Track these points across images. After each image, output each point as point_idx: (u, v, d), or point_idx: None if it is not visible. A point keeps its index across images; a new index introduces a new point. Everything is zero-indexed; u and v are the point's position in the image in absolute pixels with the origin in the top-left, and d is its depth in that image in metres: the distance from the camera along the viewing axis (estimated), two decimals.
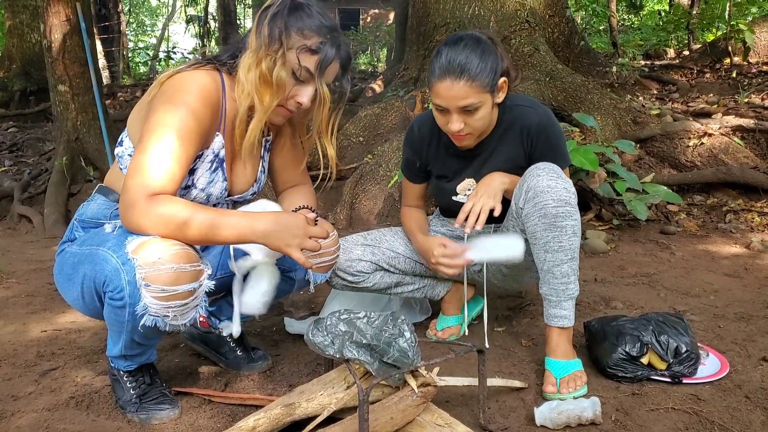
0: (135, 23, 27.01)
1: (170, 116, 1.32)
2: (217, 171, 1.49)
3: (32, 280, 2.90)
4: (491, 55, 1.59)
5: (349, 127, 4.92)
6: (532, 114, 1.71)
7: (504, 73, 1.63)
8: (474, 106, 1.58)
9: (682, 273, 2.58)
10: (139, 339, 1.40)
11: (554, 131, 1.72)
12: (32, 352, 1.96)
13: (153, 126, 1.32)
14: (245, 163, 1.58)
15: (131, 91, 9.89)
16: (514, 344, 1.91)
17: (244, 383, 1.72)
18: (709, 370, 1.59)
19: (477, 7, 5.03)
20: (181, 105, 1.33)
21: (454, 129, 1.62)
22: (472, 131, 1.65)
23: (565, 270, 1.57)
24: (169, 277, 1.24)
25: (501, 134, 1.76)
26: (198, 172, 1.46)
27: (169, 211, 1.27)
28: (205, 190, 1.48)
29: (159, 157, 1.29)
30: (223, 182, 1.51)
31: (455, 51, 1.57)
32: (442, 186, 1.88)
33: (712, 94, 5.24)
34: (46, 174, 5.18)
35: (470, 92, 1.56)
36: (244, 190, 1.62)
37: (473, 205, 1.63)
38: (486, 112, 1.62)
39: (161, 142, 1.30)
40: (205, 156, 1.45)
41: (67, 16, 4.68)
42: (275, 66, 1.38)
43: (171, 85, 1.37)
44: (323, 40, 1.40)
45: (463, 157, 1.82)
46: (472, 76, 1.55)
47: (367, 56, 15.13)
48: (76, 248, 1.45)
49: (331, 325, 1.34)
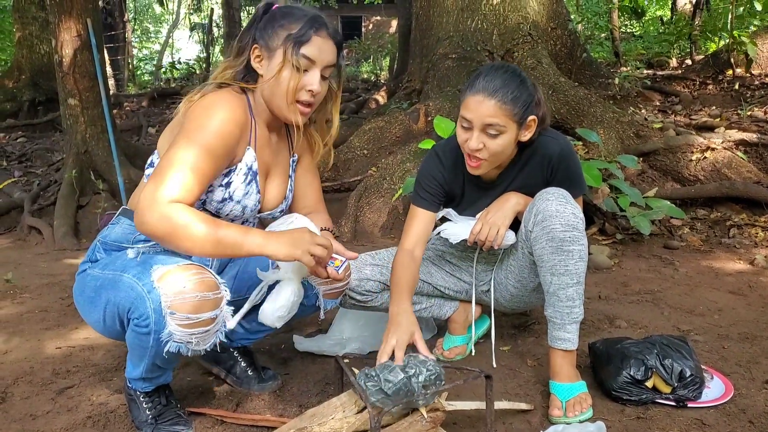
0: (139, 30, 27.17)
1: (196, 133, 1.37)
2: (252, 183, 1.55)
3: (45, 294, 2.94)
4: (528, 90, 1.64)
5: (354, 140, 4.97)
6: (553, 144, 1.75)
7: (536, 114, 1.67)
8: (497, 129, 1.61)
9: (685, 290, 2.62)
10: (161, 363, 1.44)
11: (573, 161, 1.76)
12: (48, 370, 2.00)
13: (178, 141, 1.37)
14: (276, 179, 1.66)
15: (137, 101, 9.97)
16: (519, 364, 1.95)
17: (254, 403, 1.75)
18: (714, 393, 1.62)
19: (480, 20, 5.09)
20: (208, 124, 1.39)
21: (472, 146, 1.64)
22: (487, 157, 1.66)
23: (571, 294, 1.61)
24: (194, 305, 1.29)
25: (522, 165, 1.79)
26: (233, 184, 1.51)
27: (184, 218, 1.29)
28: (241, 202, 1.54)
29: (180, 169, 1.33)
30: (257, 194, 1.57)
31: (496, 74, 1.62)
32: (460, 213, 1.90)
33: (714, 106, 5.28)
34: (55, 185, 5.23)
35: (498, 113, 1.60)
36: (274, 207, 1.68)
37: (482, 227, 1.69)
38: (507, 141, 1.64)
39: (184, 156, 1.34)
40: (239, 169, 1.51)
41: (78, 32, 4.74)
42: (282, 68, 1.46)
43: (199, 105, 1.43)
44: (305, 23, 1.47)
45: (484, 187, 1.85)
46: (504, 100, 1.59)
47: (370, 65, 15.19)
48: (98, 271, 1.49)
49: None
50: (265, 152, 1.60)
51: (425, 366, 1.36)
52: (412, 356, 1.43)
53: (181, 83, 12.13)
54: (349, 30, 20.66)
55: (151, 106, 9.60)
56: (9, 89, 8.47)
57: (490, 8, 5.03)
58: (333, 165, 4.87)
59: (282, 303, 1.48)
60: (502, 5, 5.01)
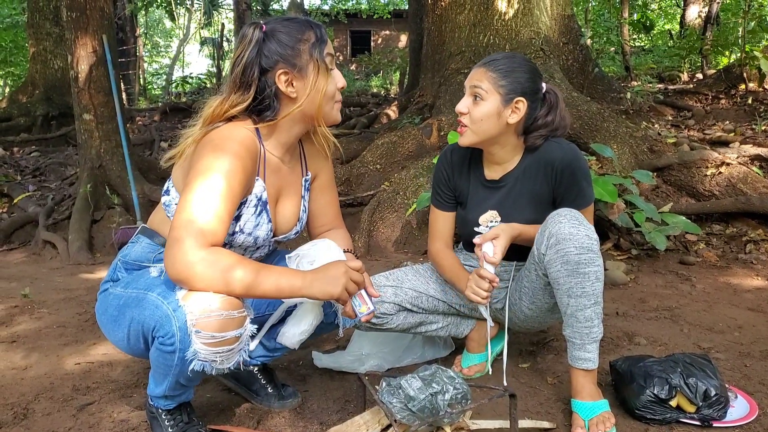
0: (150, 45, 27.46)
1: (217, 162, 1.37)
2: (262, 214, 1.54)
3: (62, 309, 2.96)
4: (525, 75, 1.72)
5: (366, 155, 4.99)
6: (557, 149, 1.76)
7: (528, 99, 1.72)
8: (480, 94, 1.71)
9: (704, 307, 2.60)
10: (185, 381, 1.44)
11: (579, 167, 1.74)
12: (68, 386, 2.01)
13: (199, 176, 1.35)
14: (287, 203, 1.65)
15: (149, 115, 10.06)
16: (539, 382, 1.94)
17: (275, 420, 1.75)
18: (739, 412, 1.60)
19: (492, 35, 5.11)
20: (227, 152, 1.39)
21: (458, 107, 1.76)
22: (469, 124, 1.74)
23: (589, 314, 1.59)
24: (219, 324, 1.29)
25: (526, 167, 1.80)
26: (243, 217, 1.51)
27: (222, 262, 1.29)
28: (252, 234, 1.54)
29: (207, 204, 1.32)
30: (268, 224, 1.57)
31: (501, 53, 1.77)
32: (465, 216, 1.92)
33: (728, 121, 5.26)
34: (69, 199, 5.28)
35: (483, 78, 1.72)
36: (288, 230, 1.68)
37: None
38: (486, 111, 1.71)
39: (208, 191, 1.33)
40: (249, 201, 1.51)
41: (94, 48, 4.81)
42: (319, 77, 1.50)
43: (210, 139, 1.42)
44: (311, 28, 1.51)
45: (489, 187, 1.86)
46: (493, 69, 1.71)
47: (380, 79, 15.26)
48: (120, 290, 1.50)
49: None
50: (275, 177, 1.58)
51: (452, 384, 1.36)
52: (440, 370, 1.42)
53: (192, 97, 12.23)
54: (358, 44, 20.82)
55: (162, 121, 9.69)
56: (23, 104, 8.59)
57: (502, 23, 5.05)
58: (346, 179, 4.89)
59: (304, 328, 1.50)
60: (514, 20, 5.03)
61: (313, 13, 18.47)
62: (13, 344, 2.46)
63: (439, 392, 1.34)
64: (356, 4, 21.95)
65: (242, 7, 12.19)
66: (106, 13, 4.96)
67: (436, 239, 1.97)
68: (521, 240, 1.73)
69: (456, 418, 1.37)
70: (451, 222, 1.98)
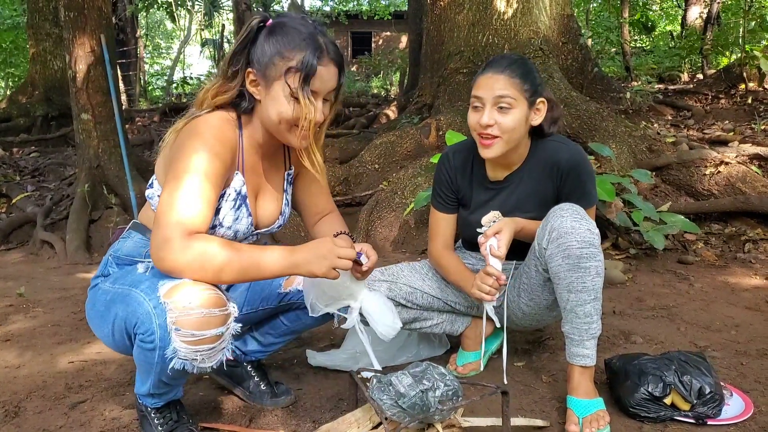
0: (150, 46, 27.50)
1: (194, 157, 1.35)
2: (241, 208, 1.52)
3: (57, 309, 2.95)
4: (534, 75, 1.70)
5: (365, 155, 4.98)
6: (562, 150, 1.75)
7: (545, 97, 1.71)
8: (508, 102, 1.64)
9: (701, 306, 2.58)
10: (167, 380, 1.43)
11: (584, 168, 1.74)
12: (61, 384, 2.00)
13: (179, 167, 1.35)
14: (268, 197, 1.63)
15: (149, 116, 10.07)
16: (534, 380, 1.92)
17: (267, 418, 1.74)
18: (733, 411, 1.59)
19: (491, 35, 5.10)
20: (202, 147, 1.37)
21: (483, 121, 1.66)
22: (500, 134, 1.67)
23: (588, 310, 1.59)
24: (199, 321, 1.27)
25: (530, 168, 1.79)
26: (222, 211, 1.49)
27: (207, 251, 1.29)
28: (232, 227, 1.52)
29: (188, 195, 1.32)
30: (248, 218, 1.55)
31: (504, 58, 1.70)
32: (467, 217, 1.91)
33: (727, 120, 5.25)
34: (67, 199, 5.27)
35: (508, 85, 1.65)
36: (270, 224, 1.66)
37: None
38: (518, 118, 1.66)
39: (189, 182, 1.33)
40: (227, 195, 1.49)
41: (92, 48, 4.80)
42: (279, 101, 1.41)
43: (189, 129, 1.41)
44: (305, 53, 1.38)
45: (492, 188, 1.85)
46: (514, 75, 1.66)
47: (380, 79, 15.27)
48: (108, 286, 1.49)
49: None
50: (254, 172, 1.57)
51: (443, 380, 1.35)
52: (431, 367, 1.40)
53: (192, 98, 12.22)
54: (359, 45, 20.84)
55: (162, 121, 9.69)
56: (23, 104, 8.58)
57: (501, 23, 5.04)
58: (344, 179, 4.88)
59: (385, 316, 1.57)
60: (513, 20, 5.02)
61: (314, 14, 18.49)
62: (6, 343, 2.45)
63: (430, 389, 1.32)
64: (357, 5, 21.97)
65: (242, 7, 12.19)
66: (104, 12, 4.95)
67: (437, 242, 1.95)
68: (523, 235, 1.72)
69: (447, 414, 1.36)
70: (453, 224, 1.97)
